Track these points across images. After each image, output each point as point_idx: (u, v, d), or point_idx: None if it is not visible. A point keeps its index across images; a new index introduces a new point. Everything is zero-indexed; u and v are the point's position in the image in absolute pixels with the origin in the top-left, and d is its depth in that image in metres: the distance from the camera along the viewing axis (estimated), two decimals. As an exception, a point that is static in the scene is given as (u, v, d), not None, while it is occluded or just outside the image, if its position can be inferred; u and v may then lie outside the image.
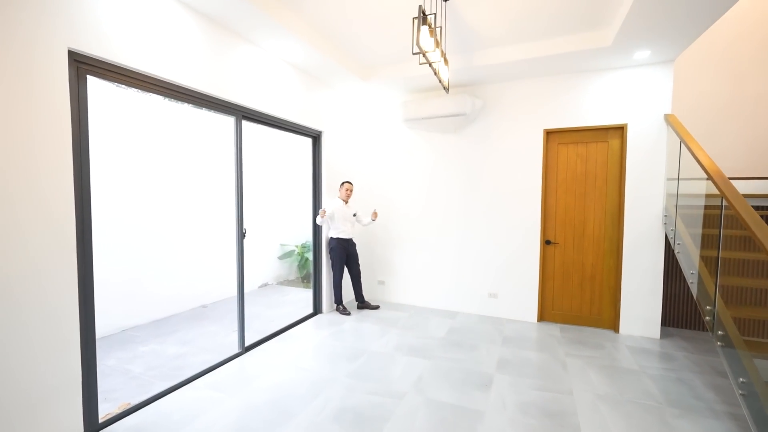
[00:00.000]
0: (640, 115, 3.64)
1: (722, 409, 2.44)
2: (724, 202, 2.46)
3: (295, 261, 6.36)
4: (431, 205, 4.58)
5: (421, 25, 1.99)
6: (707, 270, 2.78)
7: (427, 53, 2.11)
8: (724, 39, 4.06)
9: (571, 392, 2.63)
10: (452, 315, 4.33)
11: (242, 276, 3.20)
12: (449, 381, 2.78)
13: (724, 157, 3.86)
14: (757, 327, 2.52)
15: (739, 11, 3.91)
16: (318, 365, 3.03)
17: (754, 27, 3.98)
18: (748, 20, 3.99)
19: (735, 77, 4.09)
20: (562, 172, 4.02)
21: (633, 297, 3.72)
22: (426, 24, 2.03)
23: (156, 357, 3.25)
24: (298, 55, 3.44)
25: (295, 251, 6.27)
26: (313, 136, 4.20)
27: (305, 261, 6.19)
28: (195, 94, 2.73)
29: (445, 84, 2.86)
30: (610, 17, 3.01)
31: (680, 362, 3.13)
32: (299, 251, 6.25)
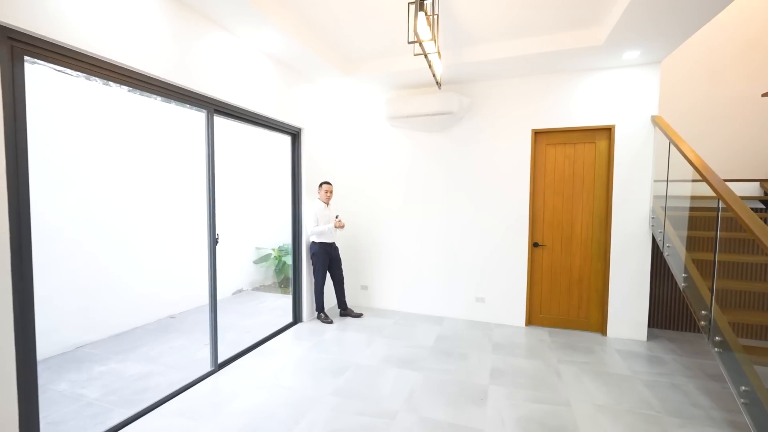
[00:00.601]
0: (627, 117, 3.61)
1: (720, 416, 2.40)
2: (721, 204, 2.41)
3: (272, 265, 6.03)
4: (416, 207, 4.41)
5: (417, 11, 1.80)
6: (700, 273, 2.75)
7: (423, 42, 1.92)
8: (701, 42, 4.11)
9: (569, 403, 2.52)
10: (439, 321, 4.17)
11: (214, 286, 2.91)
12: (443, 395, 2.61)
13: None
14: (754, 331, 2.50)
15: (717, 15, 3.96)
16: (300, 382, 2.78)
17: (732, 31, 4.04)
18: (726, 24, 4.06)
19: (712, 80, 4.16)
20: (550, 173, 3.95)
21: (620, 300, 3.69)
22: (423, 11, 1.84)
23: (115, 378, 2.89)
24: (277, 45, 3.17)
25: (271, 255, 5.95)
26: (293, 133, 3.93)
27: (283, 265, 5.88)
28: (161, 85, 2.42)
29: (438, 78, 2.69)
30: (603, 15, 2.93)
31: (671, 366, 3.10)
32: (276, 255, 5.93)
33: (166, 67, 2.41)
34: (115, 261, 3.79)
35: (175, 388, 2.63)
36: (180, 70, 2.51)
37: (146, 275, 4.09)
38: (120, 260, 3.83)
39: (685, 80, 4.19)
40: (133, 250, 3.96)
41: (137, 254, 4.00)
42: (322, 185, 4.04)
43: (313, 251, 4.00)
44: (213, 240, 2.88)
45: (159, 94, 2.45)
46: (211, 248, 2.88)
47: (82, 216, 3.49)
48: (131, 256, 3.94)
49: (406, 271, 4.50)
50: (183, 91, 2.59)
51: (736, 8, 3.99)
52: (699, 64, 4.16)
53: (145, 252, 4.09)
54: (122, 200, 3.86)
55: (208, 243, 2.88)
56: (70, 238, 3.39)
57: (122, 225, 3.85)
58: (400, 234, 4.49)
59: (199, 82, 2.66)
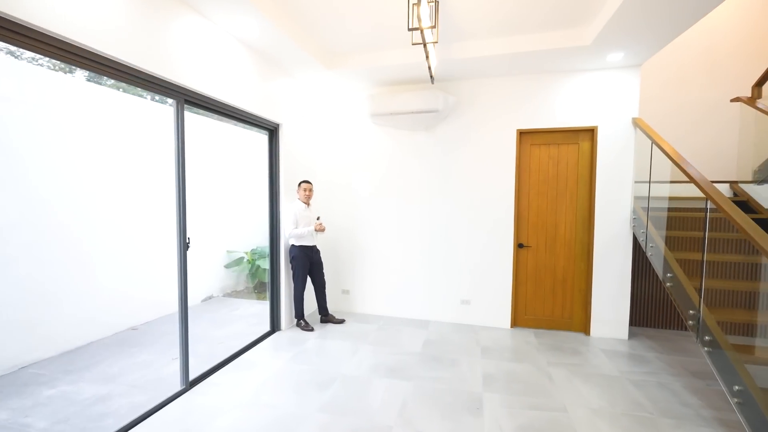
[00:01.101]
0: (609, 118, 3.66)
1: (709, 414, 2.42)
2: (710, 204, 2.43)
3: (245, 269, 5.69)
4: (400, 207, 4.27)
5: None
6: (685, 273, 2.79)
7: (424, 30, 1.78)
8: (670, 50, 4.25)
9: (566, 409, 2.46)
10: (424, 325, 4.05)
11: (185, 293, 2.62)
12: (437, 406, 2.48)
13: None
14: (738, 330, 2.54)
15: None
16: (283, 399, 2.55)
17: (699, 38, 4.20)
18: (692, 33, 4.21)
19: (682, 86, 4.31)
20: (535, 173, 3.93)
21: (603, 299, 3.73)
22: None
23: (67, 403, 2.54)
24: (255, 32, 2.93)
25: (244, 258, 5.61)
26: (270, 129, 3.68)
27: (257, 269, 5.56)
28: (126, 70, 2.13)
29: (433, 72, 2.56)
30: (592, 15, 2.92)
31: (655, 364, 3.14)
32: (249, 258, 5.61)
33: (132, 50, 2.12)
34: (67, 267, 3.37)
35: (140, 413, 2.33)
36: (147, 55, 2.22)
37: (103, 282, 3.69)
38: (72, 266, 3.42)
39: (655, 85, 4.31)
40: (88, 255, 3.56)
41: (93, 259, 3.60)
42: (301, 184, 3.82)
43: (293, 255, 3.75)
44: (184, 244, 2.60)
45: (123, 80, 2.15)
46: (181, 253, 2.59)
47: (27, 216, 3.08)
48: (85, 261, 3.53)
49: (389, 273, 4.34)
50: (150, 77, 2.30)
51: (702, 18, 4.16)
52: (668, 71, 4.30)
53: (102, 256, 3.69)
54: (75, 200, 3.45)
55: (178, 247, 2.59)
56: (13, 241, 2.97)
57: (75, 226, 3.44)
58: (382, 235, 4.34)
59: (168, 69, 2.37)
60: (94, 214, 3.60)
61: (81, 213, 3.49)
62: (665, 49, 4.16)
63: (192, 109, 2.81)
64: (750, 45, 4.10)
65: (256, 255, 5.67)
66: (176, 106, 2.55)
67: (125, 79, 2.16)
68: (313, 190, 3.89)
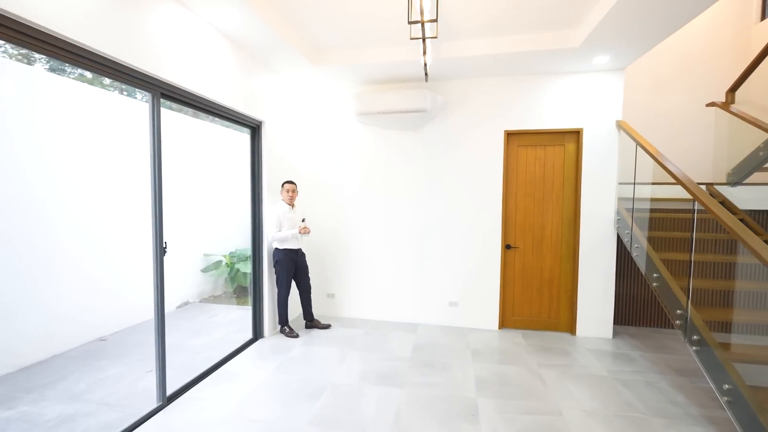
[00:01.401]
0: (594, 120, 3.70)
1: (698, 412, 2.46)
2: (698, 205, 2.48)
3: (223, 273, 5.45)
4: (387, 209, 4.18)
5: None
6: (671, 273, 2.84)
7: (425, 23, 1.69)
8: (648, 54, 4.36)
9: (560, 412, 2.45)
10: (413, 328, 3.98)
11: (162, 301, 2.43)
12: (432, 414, 2.40)
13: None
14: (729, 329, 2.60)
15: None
16: (270, 412, 2.41)
17: (674, 45, 4.32)
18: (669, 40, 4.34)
19: (659, 90, 4.44)
20: (522, 174, 3.94)
21: (588, 299, 3.78)
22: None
23: (28, 426, 2.30)
24: (237, 24, 2.76)
25: (222, 262, 5.37)
26: (253, 126, 3.50)
27: (236, 273, 5.32)
28: (93, 57, 1.93)
29: (427, 69, 2.48)
30: (582, 17, 2.93)
31: (640, 363, 3.19)
32: (228, 262, 5.37)
33: (103, 38, 1.93)
34: (27, 274, 3.08)
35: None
36: (120, 44, 2.03)
37: (68, 289, 3.40)
38: (33, 273, 3.13)
39: (633, 90, 4.42)
40: (51, 260, 3.27)
41: (56, 265, 3.31)
42: (284, 185, 3.66)
43: (277, 259, 3.59)
44: (160, 249, 2.41)
45: (93, 70, 1.96)
46: (157, 258, 2.40)
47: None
48: (48, 267, 3.24)
49: (375, 276, 4.25)
50: (123, 68, 2.11)
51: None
52: (645, 76, 4.41)
53: (66, 261, 3.40)
54: (35, 202, 3.16)
55: (154, 253, 2.39)
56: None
57: (36, 231, 3.15)
58: (369, 237, 4.23)
59: (143, 60, 2.19)
60: (57, 217, 3.32)
61: (43, 216, 3.20)
62: (643, 56, 4.28)
63: (165, 104, 2.62)
64: (722, 52, 4.27)
65: (236, 258, 5.44)
66: (152, 100, 2.35)
67: (95, 69, 1.97)
68: (297, 191, 3.74)
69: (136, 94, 4.82)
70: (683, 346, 3.53)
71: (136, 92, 4.87)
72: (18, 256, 3.02)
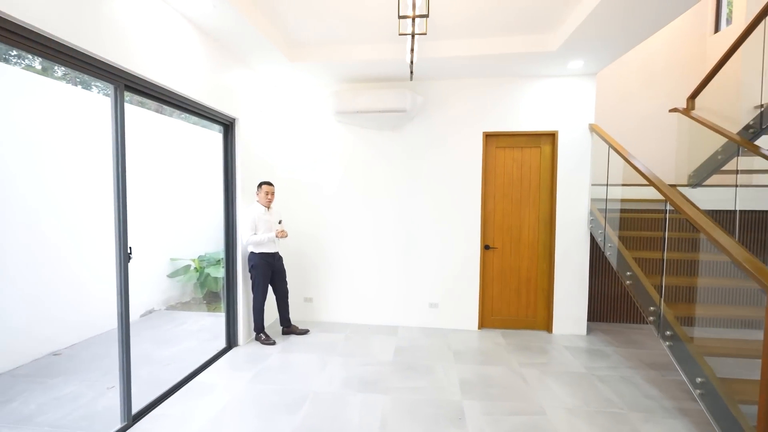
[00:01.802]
0: (569, 123, 3.81)
1: (671, 405, 2.56)
2: (669, 206, 2.58)
3: (192, 278, 5.16)
4: (366, 210, 4.10)
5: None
6: (643, 271, 2.95)
7: (416, 19, 1.64)
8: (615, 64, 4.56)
9: (545, 411, 2.46)
10: (393, 331, 3.92)
11: (126, 312, 2.23)
12: (418, 420, 2.35)
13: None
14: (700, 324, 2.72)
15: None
16: (247, 427, 2.26)
17: (638, 53, 4.53)
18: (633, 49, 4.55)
19: (623, 97, 4.65)
20: (500, 176, 3.98)
21: (564, 298, 3.87)
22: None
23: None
24: (210, 13, 2.59)
25: (191, 266, 5.08)
26: (225, 123, 3.32)
27: (206, 278, 5.06)
28: (51, 45, 1.74)
29: (413, 67, 2.43)
30: (559, 22, 2.99)
31: (614, 358, 3.30)
32: (197, 266, 5.09)
33: (61, 23, 1.74)
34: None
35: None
36: (80, 30, 1.84)
37: (16, 299, 3.08)
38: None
39: (602, 95, 4.59)
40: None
41: (1, 272, 2.98)
42: (262, 186, 3.50)
43: (252, 263, 3.42)
44: (125, 255, 2.21)
45: (50, 58, 1.76)
46: (121, 265, 2.20)
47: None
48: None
49: (354, 279, 4.15)
50: (84, 56, 1.91)
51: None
52: (612, 82, 4.60)
53: (14, 269, 3.07)
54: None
55: (118, 258, 2.19)
56: None
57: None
58: (347, 239, 4.14)
59: (105, 48, 1.99)
60: (1, 221, 2.99)
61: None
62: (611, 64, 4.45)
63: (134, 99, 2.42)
64: (682, 61, 4.53)
65: (205, 262, 5.17)
66: (115, 92, 2.16)
67: (51, 57, 1.77)
68: (274, 193, 3.59)
69: (92, 87, 4.48)
70: (653, 341, 3.69)
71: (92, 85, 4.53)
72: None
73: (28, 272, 3.17)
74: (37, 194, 3.25)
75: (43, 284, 3.29)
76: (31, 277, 3.20)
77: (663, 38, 4.50)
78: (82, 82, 4.46)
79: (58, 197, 3.43)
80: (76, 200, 3.58)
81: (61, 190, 3.45)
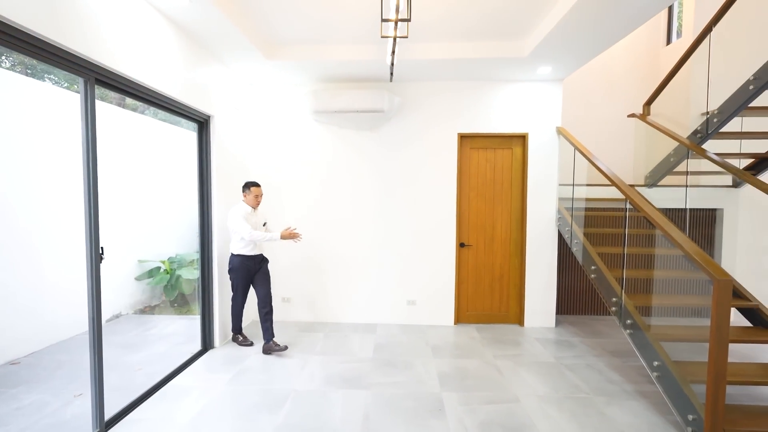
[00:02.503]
0: (538, 126, 4.00)
1: (631, 388, 2.76)
2: (629, 204, 2.79)
3: (162, 281, 4.97)
4: (343, 209, 4.13)
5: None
6: (606, 265, 3.16)
7: (399, 23, 1.70)
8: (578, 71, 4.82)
9: (518, 399, 2.60)
10: (372, 328, 3.97)
11: (98, 315, 2.15)
12: (400, 413, 2.41)
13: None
14: (650, 312, 2.94)
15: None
16: (229, 428, 2.24)
17: (597, 61, 4.82)
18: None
19: (586, 102, 4.93)
20: (474, 176, 4.12)
21: (534, 292, 4.06)
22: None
23: None
24: (184, 5, 2.53)
25: (161, 268, 4.90)
26: (200, 121, 3.25)
27: (177, 280, 4.89)
28: (18, 35, 1.65)
29: (393, 69, 2.48)
30: (530, 30, 3.15)
31: (580, 348, 3.51)
32: (167, 268, 4.92)
33: (24, 11, 1.65)
34: None
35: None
36: (46, 19, 1.76)
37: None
38: None
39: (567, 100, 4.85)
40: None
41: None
42: (251, 187, 3.31)
43: (231, 266, 3.32)
44: (96, 255, 2.13)
45: (16, 48, 1.67)
46: (92, 266, 2.12)
47: None
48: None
49: (333, 278, 4.17)
50: (52, 48, 1.82)
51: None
52: (577, 89, 4.87)
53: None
54: None
55: (89, 260, 2.11)
56: None
57: None
58: (326, 239, 4.14)
59: (75, 39, 1.91)
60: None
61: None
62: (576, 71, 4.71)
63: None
64: (639, 70, 4.88)
65: (176, 264, 5.00)
66: (84, 86, 2.07)
67: (17, 48, 1.68)
68: (262, 194, 3.44)
69: (45, 78, 4.25)
70: (616, 331, 3.95)
71: (45, 76, 4.29)
72: None
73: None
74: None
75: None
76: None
77: (622, 48, 4.81)
78: (35, 74, 4.22)
79: (9, 198, 3.22)
80: (32, 202, 3.37)
81: (14, 191, 3.25)
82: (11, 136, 3.21)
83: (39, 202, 3.40)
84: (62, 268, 3.59)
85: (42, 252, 3.42)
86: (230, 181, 3.57)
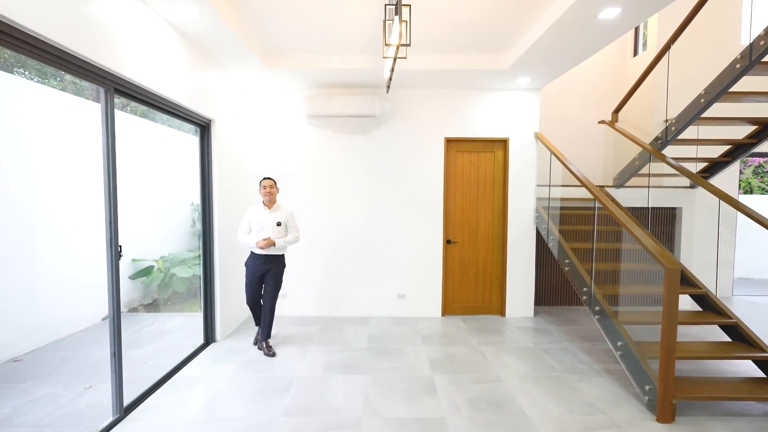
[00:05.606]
0: (518, 131, 4.33)
1: (600, 367, 3.11)
2: (597, 203, 3.13)
3: (156, 279, 5.05)
4: (337, 209, 4.35)
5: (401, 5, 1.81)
6: (578, 259, 3.50)
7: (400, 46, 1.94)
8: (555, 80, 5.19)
9: (501, 379, 2.90)
10: (364, 321, 4.21)
11: (117, 306, 2.30)
12: (397, 393, 2.67)
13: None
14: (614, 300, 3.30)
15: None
16: (242, 410, 2.44)
17: (574, 74, 5.21)
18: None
19: (561, 109, 5.31)
20: (459, 177, 4.42)
21: (515, 285, 4.40)
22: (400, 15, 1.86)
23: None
24: (192, 18, 2.69)
25: (154, 267, 4.98)
26: (202, 124, 3.40)
27: (171, 278, 4.99)
28: (41, 46, 1.79)
29: (389, 82, 2.73)
30: (512, 44, 3.45)
31: (556, 335, 3.86)
32: (160, 267, 5.00)
33: (53, 26, 1.80)
34: None
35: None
36: (71, 32, 1.90)
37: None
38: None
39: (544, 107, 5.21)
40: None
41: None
42: (260, 182, 3.31)
43: (246, 261, 3.41)
44: (116, 253, 2.28)
45: (45, 60, 1.82)
46: (112, 263, 2.28)
47: None
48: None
49: (327, 274, 4.38)
50: (76, 59, 1.97)
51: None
52: (553, 97, 5.24)
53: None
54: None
55: (109, 257, 2.27)
56: None
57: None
58: (319, 236, 4.35)
59: (99, 52, 2.07)
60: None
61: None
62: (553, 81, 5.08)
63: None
64: (608, 80, 5.29)
65: (169, 262, 5.09)
66: (105, 95, 2.22)
67: (50, 62, 1.83)
68: (276, 188, 3.32)
69: (52, 83, 4.28)
70: (587, 319, 4.33)
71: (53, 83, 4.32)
72: None
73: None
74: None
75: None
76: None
77: (594, 60, 5.20)
78: (45, 81, 4.24)
79: (8, 199, 3.29)
80: (31, 202, 3.44)
81: (14, 190, 3.31)
82: (11, 136, 3.27)
83: (38, 202, 3.47)
84: (62, 267, 3.67)
85: (42, 252, 3.48)
86: (230, 181, 3.73)
